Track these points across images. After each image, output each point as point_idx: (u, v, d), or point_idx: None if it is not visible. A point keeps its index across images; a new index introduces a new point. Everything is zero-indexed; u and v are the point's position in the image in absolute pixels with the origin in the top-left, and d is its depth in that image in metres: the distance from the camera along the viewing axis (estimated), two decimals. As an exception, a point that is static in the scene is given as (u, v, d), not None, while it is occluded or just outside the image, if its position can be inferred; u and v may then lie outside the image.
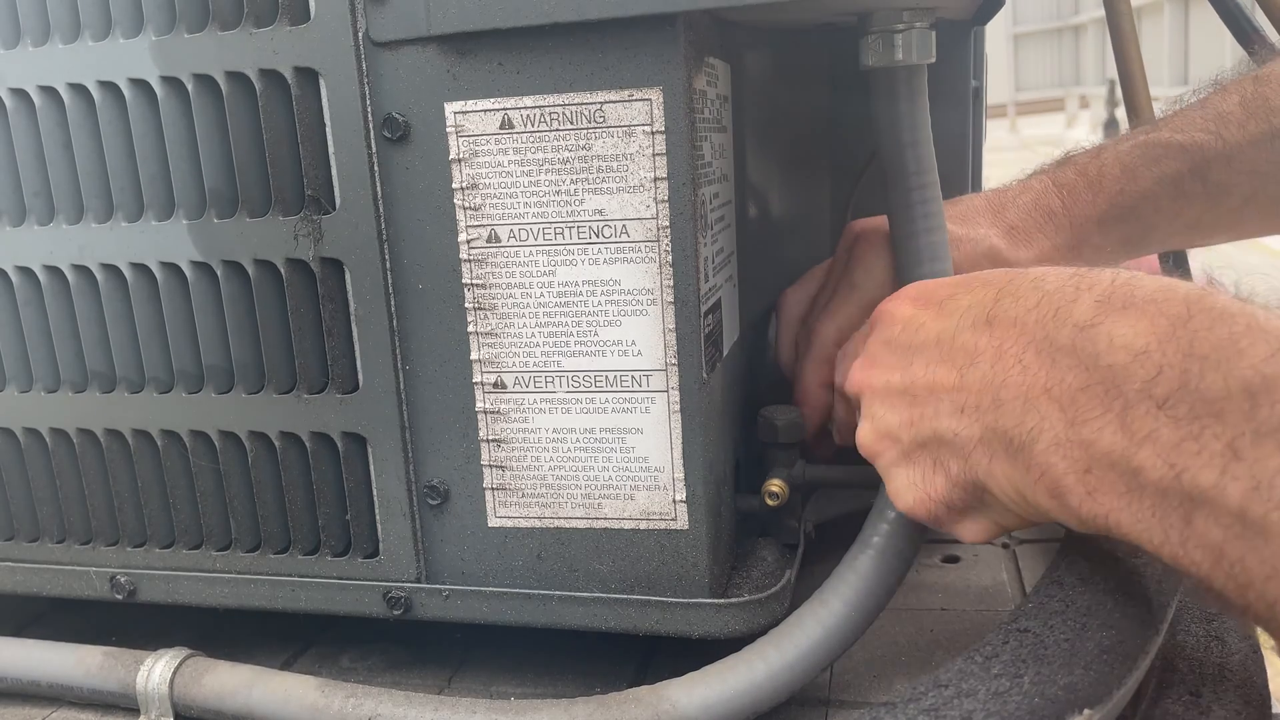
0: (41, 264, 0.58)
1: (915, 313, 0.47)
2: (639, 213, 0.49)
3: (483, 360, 0.53)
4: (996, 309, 0.41)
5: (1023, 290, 0.40)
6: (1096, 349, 0.35)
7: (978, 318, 0.42)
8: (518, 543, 0.55)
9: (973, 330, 0.42)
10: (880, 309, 0.50)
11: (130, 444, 0.59)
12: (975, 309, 0.42)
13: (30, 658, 0.60)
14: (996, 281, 0.43)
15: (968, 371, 0.41)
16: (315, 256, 0.53)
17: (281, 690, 0.54)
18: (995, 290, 0.42)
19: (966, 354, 0.41)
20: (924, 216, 0.55)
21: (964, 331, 0.42)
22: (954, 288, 0.46)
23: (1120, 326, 0.35)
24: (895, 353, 0.47)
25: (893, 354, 0.47)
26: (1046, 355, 0.37)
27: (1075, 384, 0.35)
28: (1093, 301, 0.36)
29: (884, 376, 0.47)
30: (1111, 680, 0.38)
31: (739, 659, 0.50)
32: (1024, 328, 0.39)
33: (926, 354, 0.44)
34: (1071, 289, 0.38)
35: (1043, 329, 0.38)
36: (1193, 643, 0.49)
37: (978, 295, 0.43)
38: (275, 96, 0.52)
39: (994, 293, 0.42)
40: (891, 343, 0.47)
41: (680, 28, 0.47)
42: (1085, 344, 0.36)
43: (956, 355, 0.42)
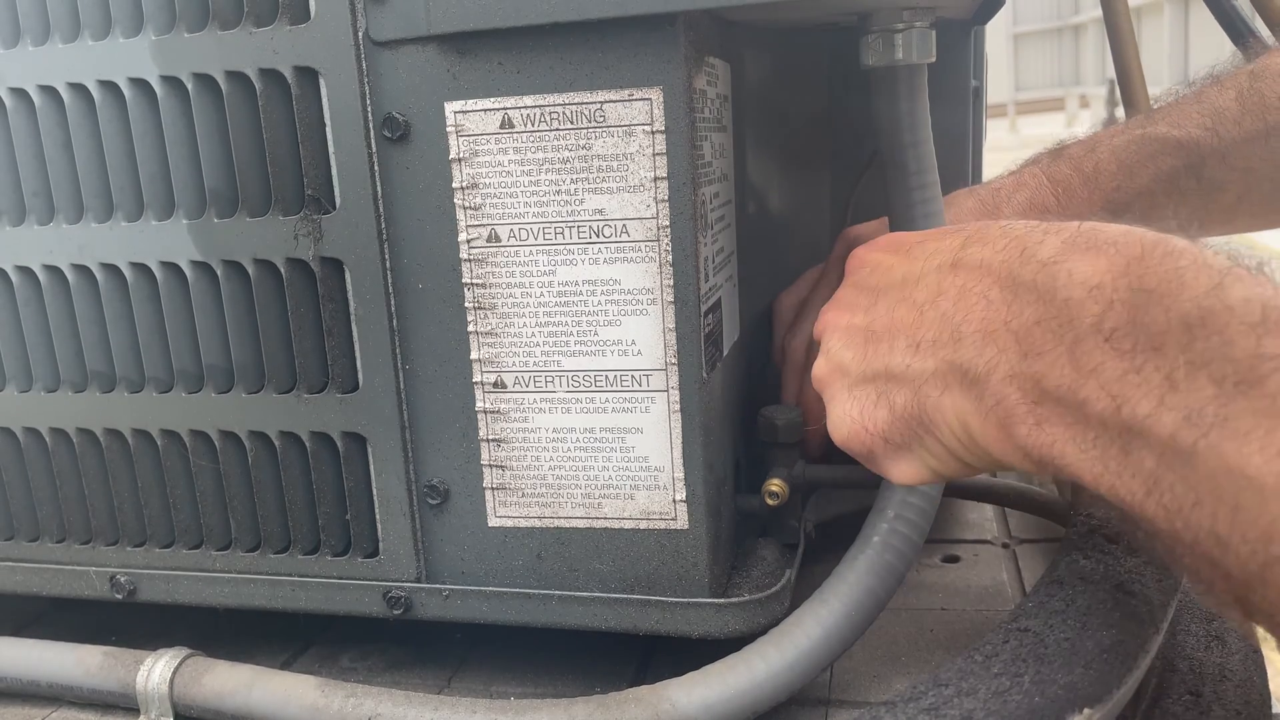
0: (41, 264, 0.58)
1: (884, 257, 0.48)
2: (639, 212, 0.49)
3: (483, 360, 0.53)
4: (964, 253, 0.41)
5: (991, 235, 0.41)
6: (1055, 283, 0.36)
7: (943, 261, 0.42)
8: (518, 542, 0.55)
9: (938, 272, 0.42)
10: (852, 255, 0.51)
11: (130, 444, 0.59)
12: (943, 253, 0.43)
13: (30, 657, 0.60)
14: (967, 229, 0.44)
15: (928, 309, 0.42)
16: (315, 256, 0.53)
17: (281, 690, 0.54)
18: (964, 237, 0.43)
19: (929, 293, 0.42)
20: (925, 216, 0.55)
21: (929, 274, 0.43)
22: (925, 235, 0.47)
23: (1080, 264, 0.35)
24: (861, 293, 0.47)
25: (858, 294, 0.48)
26: (1009, 290, 0.38)
27: (1032, 317, 0.36)
28: (1059, 243, 0.37)
29: (847, 317, 0.47)
30: (1112, 680, 0.38)
31: (739, 659, 0.50)
32: (989, 268, 0.39)
33: (890, 294, 0.45)
34: (1039, 232, 0.39)
35: (1008, 268, 0.38)
36: (1193, 642, 0.49)
37: (947, 241, 0.44)
38: (275, 96, 0.52)
39: (962, 239, 0.43)
40: (859, 285, 0.48)
41: (680, 27, 0.47)
42: (1046, 279, 0.36)
43: (919, 294, 0.43)
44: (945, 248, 0.43)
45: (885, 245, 0.49)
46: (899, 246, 0.48)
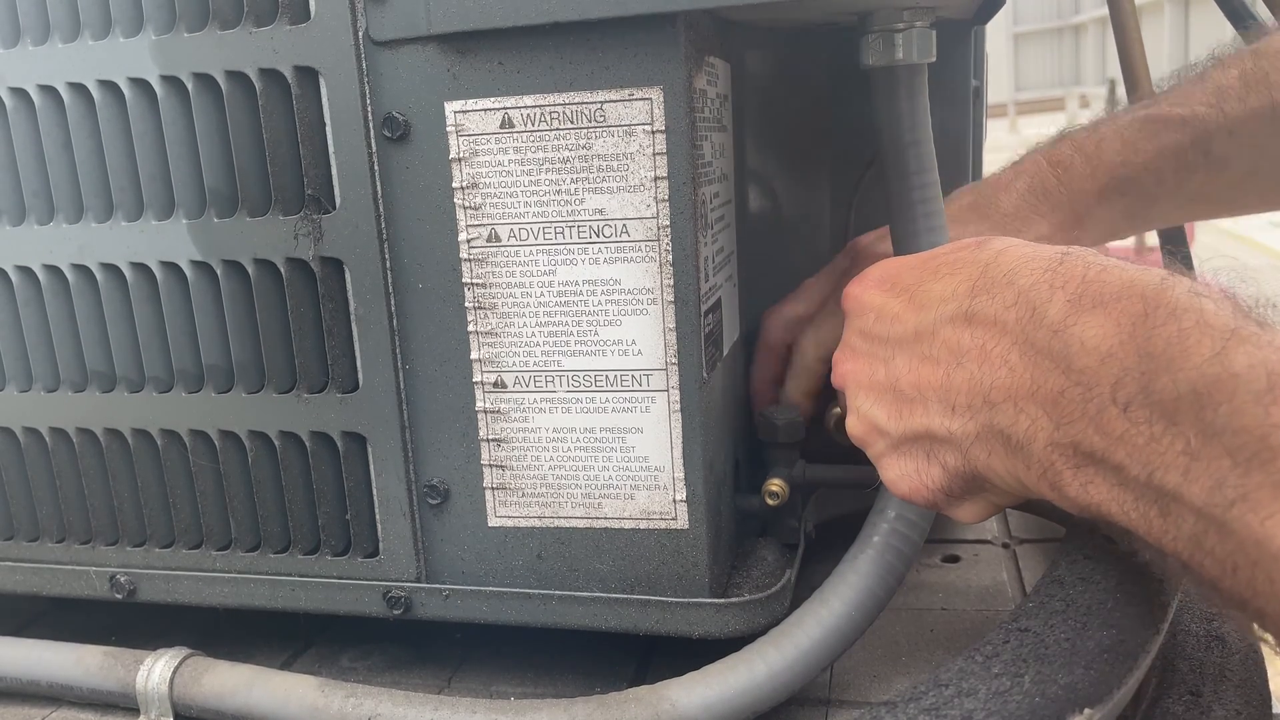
0: (41, 263, 0.58)
1: (886, 300, 0.47)
2: (639, 212, 0.49)
3: (483, 360, 0.53)
4: (974, 305, 0.41)
5: (997, 286, 0.41)
6: (1069, 353, 0.36)
7: (955, 313, 0.42)
8: (518, 542, 0.55)
9: (952, 326, 0.42)
10: (848, 295, 0.51)
11: (130, 443, 0.59)
12: (951, 302, 0.43)
13: (30, 657, 0.60)
14: (965, 269, 0.43)
15: (954, 371, 0.41)
16: (315, 256, 0.53)
17: (281, 690, 0.54)
18: (968, 282, 0.42)
19: (951, 352, 0.42)
20: (925, 216, 0.55)
21: (943, 326, 0.43)
22: (920, 272, 0.46)
23: (1089, 329, 0.36)
24: (874, 344, 0.47)
25: (871, 344, 0.47)
26: (1029, 357, 0.38)
27: (1056, 387, 0.37)
28: (1065, 301, 0.38)
29: (867, 371, 0.47)
30: (1112, 680, 0.38)
31: (739, 659, 0.50)
32: (1004, 327, 0.40)
33: (907, 350, 0.44)
34: (1046, 286, 0.39)
35: (1022, 329, 0.39)
36: (1193, 642, 0.49)
37: (948, 284, 0.43)
38: (275, 96, 0.52)
39: (967, 285, 0.42)
40: (867, 333, 0.48)
41: (681, 27, 0.47)
42: (1060, 348, 0.37)
43: (940, 353, 0.42)
44: (952, 294, 0.43)
45: (881, 282, 0.48)
46: (899, 287, 0.47)
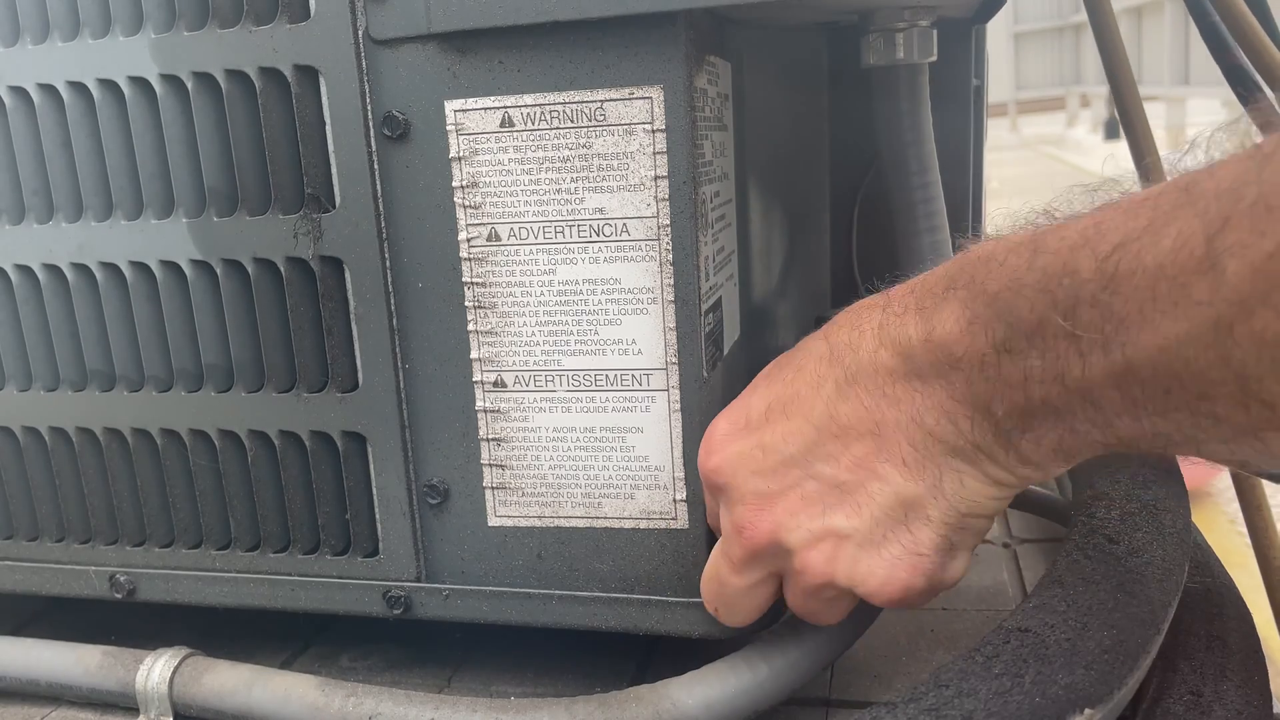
0: (40, 262, 0.58)
1: (756, 437, 0.45)
2: (639, 211, 0.49)
3: (483, 359, 0.53)
4: (846, 370, 0.42)
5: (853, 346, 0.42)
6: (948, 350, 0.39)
7: (835, 387, 0.42)
8: (518, 542, 0.55)
9: (843, 399, 0.42)
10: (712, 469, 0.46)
11: (129, 443, 0.59)
12: (825, 384, 0.43)
13: (29, 657, 0.60)
14: (805, 356, 0.45)
15: (884, 433, 0.41)
16: (315, 255, 0.53)
17: (281, 689, 0.54)
18: (821, 361, 0.43)
19: (865, 420, 0.42)
20: (926, 215, 0.55)
21: (836, 406, 0.42)
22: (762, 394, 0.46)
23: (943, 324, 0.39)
24: (780, 475, 0.44)
25: (778, 477, 0.44)
26: (927, 380, 0.40)
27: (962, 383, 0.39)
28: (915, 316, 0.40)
29: (796, 497, 0.44)
30: (1113, 680, 0.38)
31: (740, 658, 0.50)
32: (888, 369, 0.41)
33: (821, 448, 0.43)
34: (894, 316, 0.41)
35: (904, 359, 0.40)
36: (1194, 643, 0.49)
37: (803, 376, 0.44)
38: (275, 94, 0.52)
39: (821, 363, 0.43)
40: (765, 472, 0.44)
41: (681, 26, 0.47)
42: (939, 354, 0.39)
43: (856, 426, 0.42)
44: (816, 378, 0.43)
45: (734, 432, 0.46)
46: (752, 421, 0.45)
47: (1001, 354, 0.37)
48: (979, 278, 0.37)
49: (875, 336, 0.41)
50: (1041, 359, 0.35)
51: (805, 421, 0.43)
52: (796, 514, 0.44)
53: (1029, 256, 0.36)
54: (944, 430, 0.40)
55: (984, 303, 0.37)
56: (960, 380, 0.38)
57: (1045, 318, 0.35)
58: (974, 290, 0.38)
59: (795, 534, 0.44)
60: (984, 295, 0.37)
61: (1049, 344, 0.35)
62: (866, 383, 0.41)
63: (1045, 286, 0.35)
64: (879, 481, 0.42)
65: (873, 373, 0.41)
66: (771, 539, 0.44)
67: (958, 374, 0.38)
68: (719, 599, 0.49)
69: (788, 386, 0.45)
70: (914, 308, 0.40)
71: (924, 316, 0.40)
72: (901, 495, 0.42)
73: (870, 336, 0.42)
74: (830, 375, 0.43)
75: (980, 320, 0.37)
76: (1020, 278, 0.36)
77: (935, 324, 0.39)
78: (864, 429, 0.42)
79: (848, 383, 0.42)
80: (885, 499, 0.42)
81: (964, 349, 0.38)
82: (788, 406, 0.44)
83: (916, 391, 0.40)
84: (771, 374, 0.47)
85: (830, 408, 0.42)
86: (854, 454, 0.42)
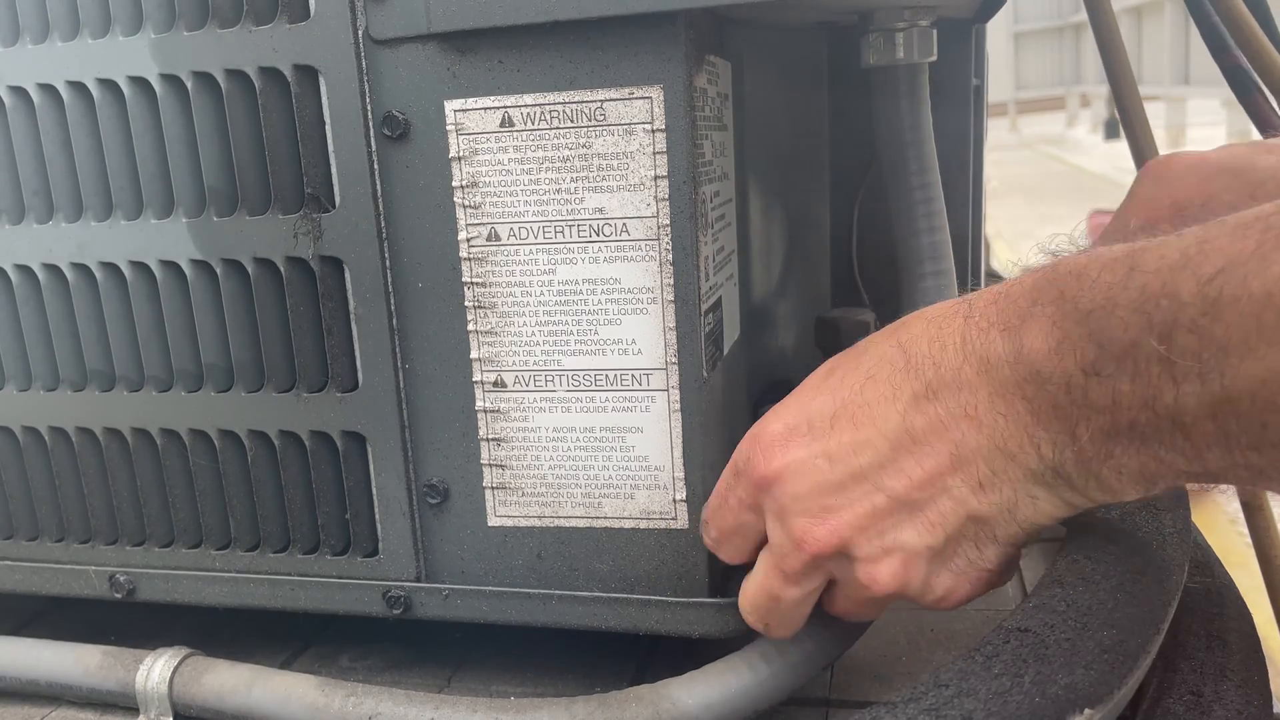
0: (40, 262, 0.58)
1: (820, 444, 0.43)
2: (639, 211, 0.49)
3: (482, 359, 0.53)
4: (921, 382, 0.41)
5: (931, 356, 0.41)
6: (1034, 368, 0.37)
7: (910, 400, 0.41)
8: (518, 542, 0.55)
9: (918, 412, 0.41)
10: (764, 478, 0.45)
11: (129, 443, 0.59)
12: (901, 394, 0.41)
13: (29, 657, 0.60)
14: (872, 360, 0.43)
15: (959, 448, 0.40)
16: (315, 255, 0.53)
17: (281, 689, 0.54)
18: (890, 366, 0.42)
19: (938, 435, 0.40)
20: (926, 215, 0.55)
21: (911, 417, 0.41)
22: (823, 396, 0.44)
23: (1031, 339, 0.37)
24: (847, 487, 0.43)
25: (845, 490, 0.43)
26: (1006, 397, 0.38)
27: (1048, 403, 0.37)
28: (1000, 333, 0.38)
29: (864, 511, 0.42)
30: (1113, 680, 0.38)
31: (739, 658, 0.50)
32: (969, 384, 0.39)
33: (892, 463, 0.41)
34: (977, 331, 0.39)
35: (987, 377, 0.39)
36: (1194, 643, 0.49)
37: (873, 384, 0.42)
38: (275, 94, 0.52)
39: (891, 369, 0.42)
40: (827, 486, 0.43)
41: (681, 26, 0.47)
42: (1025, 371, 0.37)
43: (928, 441, 0.41)
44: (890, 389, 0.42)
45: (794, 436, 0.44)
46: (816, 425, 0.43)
47: (1090, 377, 0.35)
48: (1069, 293, 0.36)
49: (959, 350, 0.40)
50: (1132, 383, 0.34)
51: (877, 433, 0.42)
52: (865, 529, 0.42)
53: (1124, 274, 0.34)
54: (1025, 455, 0.38)
55: (1075, 320, 0.35)
56: (1046, 402, 0.37)
57: (1139, 340, 0.33)
58: (1064, 307, 0.36)
59: (863, 548, 0.43)
60: (1075, 313, 0.35)
61: (1141, 368, 0.33)
62: (947, 399, 0.40)
63: (1141, 307, 0.33)
64: (951, 501, 0.41)
65: (955, 388, 0.40)
66: (837, 551, 0.43)
67: (1044, 395, 0.37)
68: (771, 614, 0.47)
69: (857, 394, 0.43)
70: (999, 322, 0.38)
71: (1010, 333, 0.38)
72: (974, 515, 0.41)
73: (953, 351, 0.40)
74: (907, 386, 0.41)
75: (1070, 340, 0.35)
76: (1114, 297, 0.34)
77: (1023, 341, 0.37)
78: (940, 446, 0.40)
79: (927, 397, 0.40)
80: (957, 518, 0.41)
81: (1052, 369, 0.36)
82: (856, 415, 0.42)
83: (1000, 413, 0.38)
84: (834, 376, 0.45)
85: (906, 421, 0.41)
86: (927, 470, 0.41)
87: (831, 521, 0.43)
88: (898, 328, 0.43)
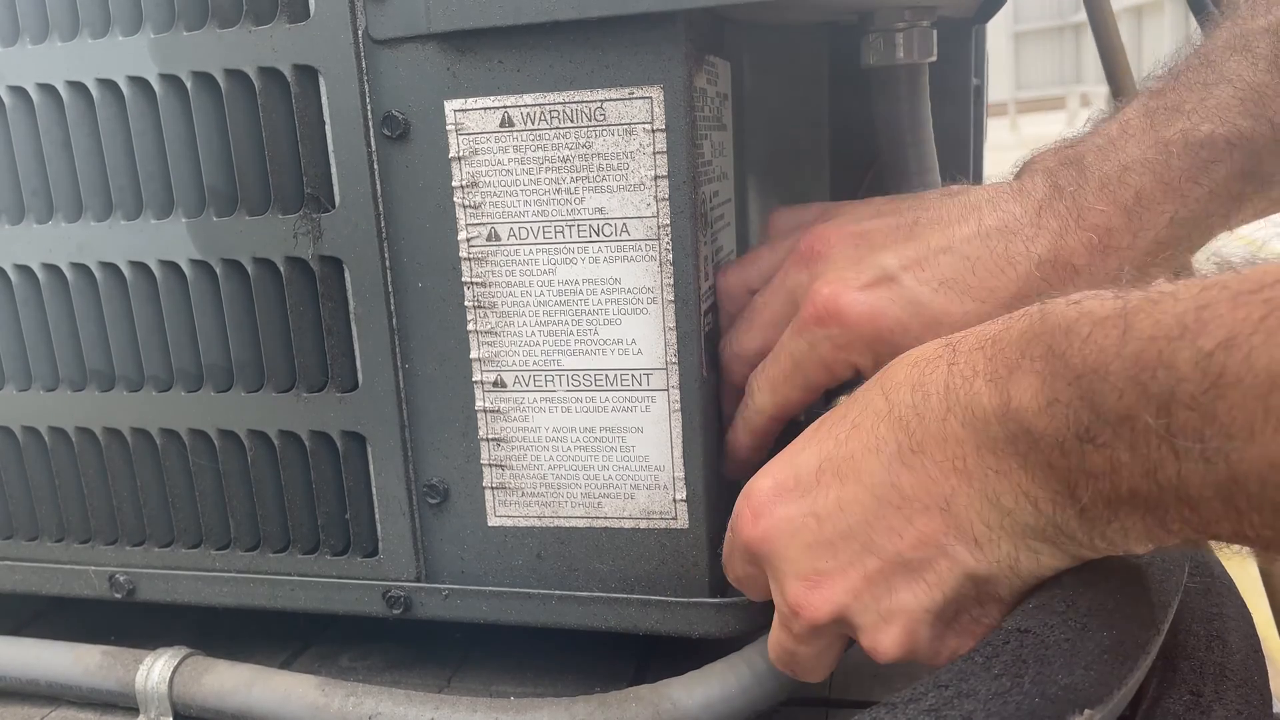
0: (40, 262, 0.57)
1: (808, 502, 0.42)
2: (639, 211, 0.49)
3: (482, 359, 0.53)
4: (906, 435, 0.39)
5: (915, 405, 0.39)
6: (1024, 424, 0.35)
7: (894, 455, 0.39)
8: (518, 542, 0.55)
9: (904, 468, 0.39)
10: (754, 538, 0.44)
11: (129, 443, 0.59)
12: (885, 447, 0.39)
13: (29, 656, 0.60)
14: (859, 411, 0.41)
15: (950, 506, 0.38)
16: (314, 255, 0.53)
17: (281, 689, 0.54)
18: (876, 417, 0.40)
19: (927, 493, 0.39)
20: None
21: (897, 474, 0.39)
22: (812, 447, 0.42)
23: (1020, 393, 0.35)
24: (839, 548, 0.41)
25: (837, 551, 0.41)
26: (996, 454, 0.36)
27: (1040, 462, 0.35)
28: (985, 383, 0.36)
29: (856, 575, 0.41)
30: (1112, 680, 0.38)
31: (739, 658, 0.50)
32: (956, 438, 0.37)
33: (881, 523, 0.40)
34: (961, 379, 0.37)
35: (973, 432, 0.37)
36: (1194, 643, 0.49)
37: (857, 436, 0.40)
38: (274, 94, 0.52)
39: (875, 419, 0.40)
40: (821, 545, 0.41)
41: (681, 26, 0.47)
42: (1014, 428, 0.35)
43: (917, 500, 0.39)
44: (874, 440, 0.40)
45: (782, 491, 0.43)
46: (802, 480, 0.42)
47: (1084, 443, 0.33)
48: (1058, 349, 0.33)
49: (942, 400, 0.38)
50: (1130, 453, 0.31)
51: (863, 489, 0.40)
52: (860, 595, 0.41)
53: (1117, 338, 0.31)
54: (1022, 511, 0.36)
55: (1065, 382, 0.33)
56: (1039, 461, 0.35)
57: (1135, 412, 0.31)
58: (1053, 364, 0.33)
59: (862, 615, 0.41)
60: (1065, 373, 0.33)
61: (1139, 439, 0.31)
62: (934, 452, 0.38)
63: (1136, 377, 0.31)
64: (948, 560, 0.39)
65: (940, 442, 0.37)
66: (834, 619, 0.41)
67: (1036, 454, 0.35)
68: (791, 666, 0.46)
69: (841, 445, 0.41)
70: (984, 371, 0.36)
71: (997, 385, 0.35)
72: (973, 575, 0.39)
73: (937, 400, 0.38)
74: (891, 438, 0.39)
75: (1061, 402, 0.33)
76: (1107, 362, 0.32)
77: (1011, 396, 0.35)
78: (930, 503, 0.38)
79: (912, 451, 0.38)
80: (955, 579, 0.39)
81: (1043, 428, 0.34)
82: (841, 468, 0.41)
83: (991, 469, 0.36)
84: (823, 427, 0.43)
85: (892, 476, 0.39)
86: (919, 529, 0.39)
87: (825, 589, 0.41)
88: (884, 372, 0.41)
